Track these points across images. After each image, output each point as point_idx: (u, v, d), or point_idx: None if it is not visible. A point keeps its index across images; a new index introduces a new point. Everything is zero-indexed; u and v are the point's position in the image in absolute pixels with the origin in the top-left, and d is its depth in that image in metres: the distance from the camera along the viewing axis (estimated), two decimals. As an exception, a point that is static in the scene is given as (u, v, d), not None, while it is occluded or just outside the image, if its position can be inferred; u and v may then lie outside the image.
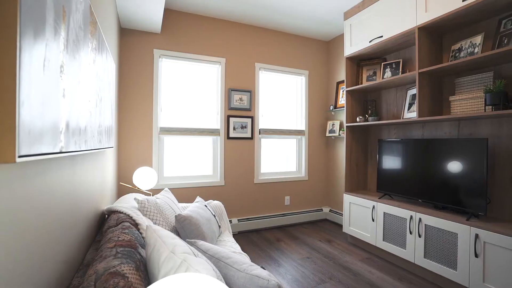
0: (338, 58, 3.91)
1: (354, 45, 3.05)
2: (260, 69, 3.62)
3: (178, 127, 3.17)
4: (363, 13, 2.93)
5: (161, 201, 1.91)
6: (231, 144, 3.44)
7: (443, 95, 2.52)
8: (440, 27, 2.35)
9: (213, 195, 3.35)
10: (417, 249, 2.33)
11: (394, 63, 2.83)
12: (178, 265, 0.87)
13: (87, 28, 1.04)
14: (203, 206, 2.00)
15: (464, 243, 1.99)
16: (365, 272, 2.43)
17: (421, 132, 2.70)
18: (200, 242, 1.24)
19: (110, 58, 1.79)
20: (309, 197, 3.97)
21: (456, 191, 2.19)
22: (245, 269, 0.99)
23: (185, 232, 1.67)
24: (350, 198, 3.05)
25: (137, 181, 2.50)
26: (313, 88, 4.00)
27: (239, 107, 3.44)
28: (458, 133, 2.40)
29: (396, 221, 2.53)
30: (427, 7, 2.30)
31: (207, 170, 3.39)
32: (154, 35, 3.07)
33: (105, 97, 1.62)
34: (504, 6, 1.97)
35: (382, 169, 2.86)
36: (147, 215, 1.64)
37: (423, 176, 2.46)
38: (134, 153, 2.97)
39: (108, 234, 1.14)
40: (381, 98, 3.16)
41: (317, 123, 4.02)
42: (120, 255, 0.89)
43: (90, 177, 1.38)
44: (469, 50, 2.18)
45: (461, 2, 2.04)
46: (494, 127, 2.16)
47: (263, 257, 2.71)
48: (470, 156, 2.09)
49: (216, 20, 3.38)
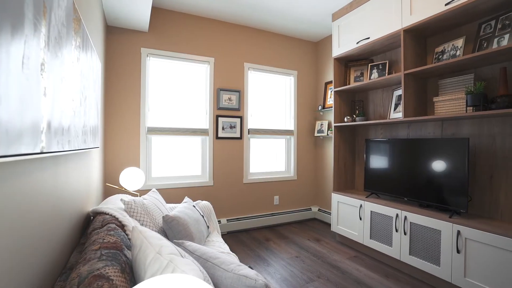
0: (327, 58, 3.95)
1: (342, 46, 3.09)
2: (249, 69, 3.62)
3: (166, 127, 3.13)
4: (350, 15, 2.98)
5: (149, 201, 1.89)
6: (220, 144, 3.43)
7: (427, 96, 2.58)
8: (425, 30, 2.41)
9: (202, 195, 3.32)
10: (402, 246, 2.38)
11: (381, 64, 2.89)
12: (165, 266, 0.86)
13: (70, 25, 1.01)
14: (191, 206, 1.99)
15: (447, 240, 2.05)
16: (353, 270, 2.47)
17: (407, 132, 2.76)
18: (188, 243, 1.23)
19: (95, 56, 1.75)
20: (298, 196, 3.99)
21: (440, 189, 2.25)
22: (233, 269, 0.99)
23: (173, 233, 1.65)
24: (338, 197, 3.09)
25: (124, 181, 2.46)
26: (301, 88, 4.03)
27: (228, 107, 3.43)
28: (442, 133, 2.47)
29: (383, 220, 2.58)
30: (412, 10, 2.35)
31: (195, 170, 3.36)
32: (141, 34, 3.02)
33: (90, 96, 1.58)
34: (484, 11, 2.04)
35: (369, 168, 2.91)
36: (133, 216, 1.62)
37: (408, 175, 2.52)
38: (121, 153, 2.92)
39: (93, 236, 1.12)
40: (368, 98, 3.22)
41: (306, 123, 4.06)
42: (105, 257, 0.87)
43: (74, 178, 1.34)
44: (451, 53, 2.25)
45: (444, 6, 2.10)
46: (475, 127, 2.23)
47: (252, 257, 2.71)
48: (453, 156, 2.16)
49: (205, 19, 3.35)
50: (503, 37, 1.89)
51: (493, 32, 1.96)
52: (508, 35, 1.86)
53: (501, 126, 2.07)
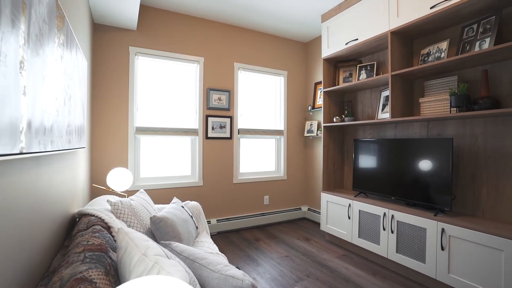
0: (316, 59, 3.98)
1: (331, 47, 3.13)
2: (239, 69, 3.61)
3: (155, 127, 3.10)
4: (339, 16, 3.01)
5: (136, 202, 1.86)
6: (210, 144, 3.41)
7: (413, 96, 2.64)
8: (411, 32, 2.46)
9: (192, 195, 3.30)
10: (390, 244, 2.43)
11: (369, 65, 2.93)
12: (150, 267, 0.85)
13: (52, 22, 0.99)
14: (179, 207, 1.97)
15: (432, 237, 2.10)
16: (342, 268, 2.50)
17: (394, 132, 2.82)
18: (175, 244, 1.22)
19: (81, 55, 1.71)
20: (288, 196, 4.01)
21: (426, 188, 2.30)
22: (220, 270, 0.98)
23: (161, 234, 1.63)
24: (327, 197, 3.12)
25: (111, 182, 2.42)
26: (291, 88, 4.05)
27: (218, 107, 3.42)
28: (427, 133, 2.53)
29: (371, 218, 2.62)
30: (399, 13, 2.40)
31: (185, 170, 3.33)
32: (129, 32, 2.98)
33: (75, 95, 1.54)
34: (467, 15, 2.10)
35: (358, 168, 2.95)
36: (120, 217, 1.59)
37: (395, 174, 2.56)
38: (109, 153, 2.87)
39: (77, 238, 1.09)
40: (357, 99, 3.26)
41: (296, 123, 4.08)
42: (89, 260, 0.86)
43: (58, 179, 1.31)
44: (436, 55, 2.30)
45: (429, 9, 2.15)
46: (459, 127, 2.29)
47: (242, 257, 2.71)
48: (438, 155, 2.21)
49: (195, 18, 3.33)
50: (484, 41, 1.94)
51: (475, 35, 2.02)
52: (488, 38, 1.92)
53: (483, 126, 2.13)
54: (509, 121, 2.00)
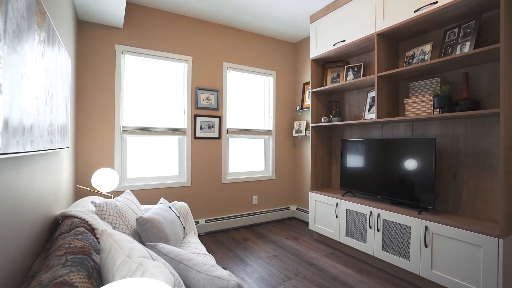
0: (305, 59, 4.02)
1: (319, 48, 3.16)
2: (228, 68, 3.60)
3: (143, 127, 3.05)
4: (327, 17, 3.04)
5: (122, 203, 1.83)
6: (198, 144, 3.38)
7: (399, 97, 2.70)
8: (396, 34, 2.51)
9: (180, 195, 3.27)
10: (376, 242, 2.47)
11: (356, 66, 2.98)
12: (134, 269, 0.84)
13: (32, 18, 0.96)
14: (167, 207, 1.95)
15: (416, 235, 2.16)
16: (329, 267, 2.53)
17: (380, 132, 2.87)
18: (161, 245, 1.20)
19: (64, 52, 1.67)
20: (277, 196, 4.03)
21: (410, 187, 2.36)
22: (206, 271, 0.98)
23: (147, 235, 1.61)
24: (315, 196, 3.15)
25: (96, 183, 2.36)
26: (280, 88, 4.07)
27: (206, 107, 3.40)
28: (412, 133, 2.59)
29: (358, 217, 2.66)
30: (384, 15, 2.44)
31: (173, 170, 3.30)
32: (116, 30, 2.92)
33: (57, 94, 1.50)
34: (449, 19, 2.16)
35: (345, 167, 2.99)
36: (105, 219, 1.56)
37: (381, 173, 2.62)
38: (94, 153, 2.80)
39: (59, 241, 1.06)
40: (344, 99, 3.31)
41: (284, 123, 4.10)
42: (70, 263, 0.83)
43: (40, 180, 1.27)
44: (420, 57, 2.36)
45: (413, 12, 2.20)
46: (442, 128, 2.36)
47: (230, 257, 2.70)
48: (422, 155, 2.27)
49: (183, 17, 3.30)
50: (465, 44, 2.01)
51: (457, 39, 2.08)
52: (469, 42, 1.98)
53: (464, 127, 2.21)
54: (487, 122, 2.07)
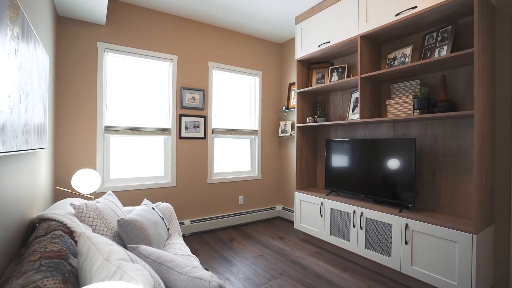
0: (291, 60, 4.05)
1: (305, 49, 3.19)
2: (213, 68, 3.58)
3: (126, 126, 2.98)
4: (313, 19, 3.08)
5: (103, 205, 1.78)
6: (183, 144, 3.35)
7: (381, 98, 2.76)
8: (379, 37, 2.57)
9: (164, 196, 3.22)
10: (359, 240, 2.53)
11: (340, 67, 3.03)
12: (113, 272, 0.82)
13: (3, 13, 0.92)
14: (150, 208, 1.91)
15: (397, 233, 2.22)
16: (314, 265, 2.56)
17: (364, 132, 2.93)
18: (142, 247, 1.18)
19: (41, 49, 1.61)
20: (263, 195, 4.04)
21: (392, 186, 2.42)
22: (188, 272, 0.97)
23: (129, 237, 1.58)
24: (300, 196, 3.18)
25: (76, 184, 2.29)
26: (266, 88, 4.08)
27: (192, 106, 3.36)
28: (394, 134, 2.66)
29: (342, 216, 2.71)
30: (367, 18, 2.50)
31: (158, 171, 3.25)
32: (98, 27, 2.84)
33: (34, 93, 1.45)
34: (428, 24, 2.24)
35: (330, 167, 3.04)
36: (85, 221, 1.52)
37: (365, 173, 2.67)
38: (75, 154, 2.72)
39: (34, 245, 1.03)
40: (329, 100, 3.36)
41: (270, 123, 4.12)
42: (45, 268, 0.81)
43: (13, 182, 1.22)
44: (401, 60, 2.43)
45: (394, 16, 2.26)
46: (421, 128, 2.44)
47: (216, 258, 2.69)
48: (403, 155, 2.34)
49: (168, 15, 3.25)
50: (442, 48, 2.08)
51: (435, 43, 2.16)
52: (446, 46, 2.06)
53: (442, 127, 2.29)
54: (463, 123, 2.16)
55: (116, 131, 2.93)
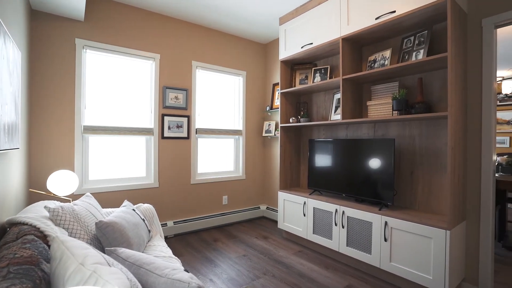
0: (275, 60, 4.07)
1: (288, 50, 3.22)
2: (197, 67, 3.54)
3: (106, 126, 2.90)
4: (296, 20, 3.11)
5: (80, 207, 1.72)
6: (166, 144, 3.29)
7: (362, 100, 2.83)
8: (360, 40, 2.64)
9: (147, 197, 3.16)
10: (341, 238, 2.58)
11: (323, 68, 3.08)
12: (87, 277, 0.79)
13: (-31, 7, 0.87)
14: (130, 210, 1.87)
15: (377, 230, 2.28)
16: (297, 264, 2.59)
17: (346, 132, 3.00)
18: (121, 250, 1.15)
19: (11, 44, 1.53)
20: (247, 195, 4.05)
21: (372, 185, 2.49)
22: (167, 274, 0.96)
23: (108, 240, 1.54)
24: (284, 196, 3.21)
25: (52, 186, 2.20)
26: (250, 88, 4.08)
27: (175, 106, 3.31)
28: (374, 134, 2.73)
29: (324, 215, 2.75)
30: (349, 21, 2.55)
31: (139, 171, 3.17)
32: (76, 23, 2.74)
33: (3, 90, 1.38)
34: (406, 28, 2.32)
35: (313, 167, 3.08)
36: (60, 224, 1.46)
37: (346, 172, 2.73)
38: (51, 155, 2.61)
39: (2, 251, 0.98)
40: (312, 100, 3.41)
41: (254, 123, 4.13)
42: (13, 275, 0.77)
43: (-20, 184, 1.16)
44: (381, 62, 2.50)
45: (374, 20, 2.32)
46: (400, 129, 2.52)
47: (199, 259, 2.66)
48: (382, 154, 2.41)
49: (150, 13, 3.18)
50: (419, 52, 2.16)
51: (412, 46, 2.24)
52: (422, 50, 2.14)
53: (419, 128, 2.38)
54: (439, 124, 2.25)
55: (96, 131, 2.84)
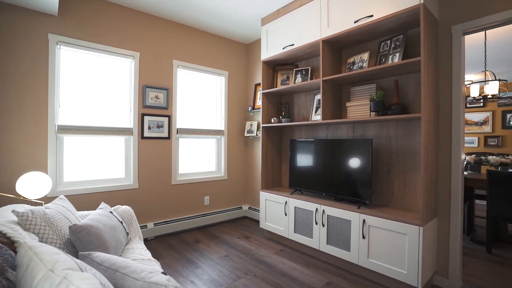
0: (257, 61, 4.08)
1: (270, 50, 3.24)
2: (178, 66, 3.49)
3: (83, 126, 2.79)
4: (278, 21, 3.13)
5: (53, 211, 1.65)
6: (146, 144, 3.22)
7: (342, 101, 2.90)
8: (340, 42, 2.70)
9: (126, 199, 3.07)
10: (321, 237, 2.63)
11: (304, 69, 3.12)
12: (57, 283, 0.76)
13: None
14: (107, 212, 1.81)
15: (355, 228, 2.34)
16: (278, 263, 2.62)
17: (326, 133, 3.06)
18: (96, 254, 1.12)
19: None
20: (229, 196, 4.03)
21: (351, 184, 2.55)
22: (143, 277, 0.94)
23: (82, 244, 1.48)
24: (265, 195, 3.23)
25: (22, 189, 2.09)
26: (232, 88, 4.07)
27: (155, 105, 3.25)
28: (353, 134, 2.81)
29: (305, 214, 2.79)
30: (329, 23, 2.60)
31: (118, 172, 3.08)
32: (49, 17, 2.62)
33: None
34: (383, 32, 2.40)
35: (294, 166, 3.12)
36: (30, 229, 1.39)
37: (326, 172, 2.78)
38: (22, 156, 2.48)
39: (-35, 257, 0.92)
40: (293, 101, 3.45)
41: (236, 123, 4.12)
42: (-25, 283, 0.73)
43: None
44: (359, 64, 2.57)
45: (353, 23, 2.39)
46: (377, 129, 2.60)
47: (180, 261, 2.62)
48: (361, 154, 2.48)
49: (129, 9, 3.10)
50: (395, 55, 2.25)
51: (389, 50, 2.32)
52: (398, 53, 2.22)
53: (395, 129, 2.47)
54: (413, 125, 2.35)
55: (71, 131, 2.73)
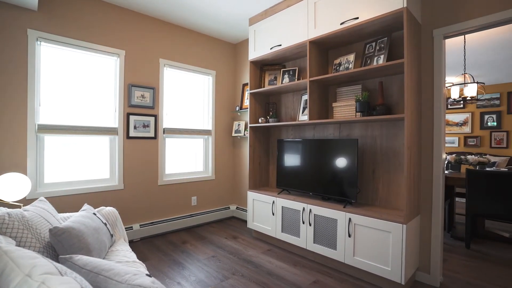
0: (244, 61, 4.08)
1: (258, 50, 3.24)
2: (165, 65, 3.44)
3: (65, 125, 2.71)
4: (265, 21, 3.14)
5: (32, 213, 1.59)
6: (132, 144, 3.15)
7: (328, 101, 2.94)
8: (326, 43, 2.73)
9: (111, 200, 3.00)
10: (308, 236, 2.65)
11: (291, 70, 3.14)
12: (35, 289, 0.74)
13: None
14: (90, 214, 1.77)
15: (341, 227, 2.38)
16: (266, 263, 2.62)
17: (313, 133, 3.09)
18: (77, 257, 1.08)
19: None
20: (217, 196, 4.01)
21: (337, 183, 2.59)
22: (127, 280, 0.92)
23: (64, 247, 1.44)
24: (253, 195, 3.23)
25: None
26: (220, 88, 4.05)
27: (141, 105, 3.19)
28: (339, 134, 2.85)
29: (292, 213, 2.81)
30: (316, 24, 2.63)
31: (103, 173, 3.01)
32: (28, 12, 2.53)
33: None
34: (368, 34, 2.44)
35: (281, 166, 3.13)
36: (7, 233, 1.33)
37: (313, 171, 2.81)
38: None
39: None
40: (281, 101, 3.46)
41: (224, 123, 4.10)
42: None
43: None
44: (345, 66, 2.61)
45: (339, 25, 2.42)
46: (363, 129, 2.65)
47: (167, 262, 2.59)
48: (347, 154, 2.51)
49: (113, 6, 3.02)
50: (380, 57, 2.30)
51: (374, 52, 2.37)
52: (383, 55, 2.27)
53: (380, 129, 2.52)
54: (397, 125, 2.41)
55: (53, 130, 2.64)
